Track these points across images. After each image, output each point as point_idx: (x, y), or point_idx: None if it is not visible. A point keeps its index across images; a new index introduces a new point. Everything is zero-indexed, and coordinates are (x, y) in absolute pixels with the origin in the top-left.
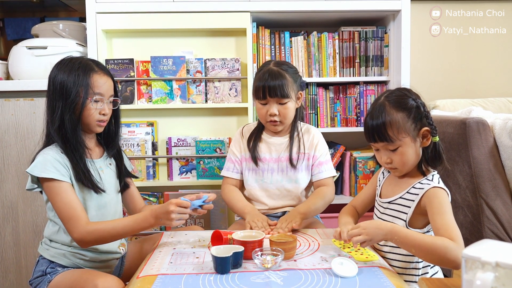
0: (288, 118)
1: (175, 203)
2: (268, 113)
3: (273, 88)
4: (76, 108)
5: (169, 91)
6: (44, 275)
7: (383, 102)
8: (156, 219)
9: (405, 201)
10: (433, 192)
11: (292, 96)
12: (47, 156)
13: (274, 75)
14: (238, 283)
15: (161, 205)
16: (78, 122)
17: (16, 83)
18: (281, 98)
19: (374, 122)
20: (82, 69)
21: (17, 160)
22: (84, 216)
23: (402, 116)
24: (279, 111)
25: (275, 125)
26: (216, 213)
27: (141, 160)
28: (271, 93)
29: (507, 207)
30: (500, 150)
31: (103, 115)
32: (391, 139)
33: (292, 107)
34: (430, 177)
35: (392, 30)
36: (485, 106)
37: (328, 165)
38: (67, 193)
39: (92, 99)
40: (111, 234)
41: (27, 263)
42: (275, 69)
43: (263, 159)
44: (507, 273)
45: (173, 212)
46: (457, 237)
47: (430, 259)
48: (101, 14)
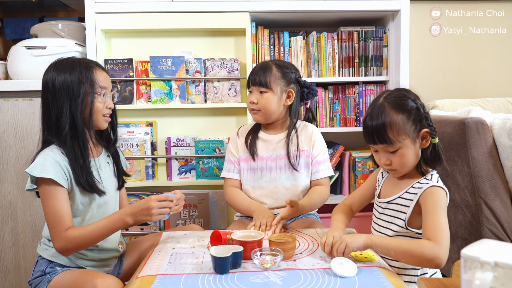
0: (268, 109)
1: (155, 198)
2: (249, 100)
3: (256, 76)
4: (86, 105)
5: (168, 91)
6: (44, 275)
7: (383, 103)
8: (132, 216)
9: (404, 201)
10: (430, 190)
11: (274, 89)
12: (48, 157)
13: (261, 66)
14: (238, 283)
15: (137, 203)
16: (90, 119)
17: (15, 83)
18: (259, 86)
19: (373, 124)
20: (83, 66)
21: (16, 160)
22: (69, 225)
23: (402, 117)
24: (258, 100)
25: (254, 113)
26: (216, 213)
27: (140, 160)
28: (254, 81)
29: (506, 207)
30: (499, 150)
31: (109, 109)
32: (391, 141)
33: (273, 100)
34: (429, 176)
35: (391, 30)
36: (484, 106)
37: (326, 164)
38: (58, 199)
39: (100, 93)
40: (89, 239)
41: (26, 263)
42: (266, 62)
43: (261, 158)
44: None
45: (153, 208)
46: (440, 237)
47: (409, 260)
48: (100, 14)
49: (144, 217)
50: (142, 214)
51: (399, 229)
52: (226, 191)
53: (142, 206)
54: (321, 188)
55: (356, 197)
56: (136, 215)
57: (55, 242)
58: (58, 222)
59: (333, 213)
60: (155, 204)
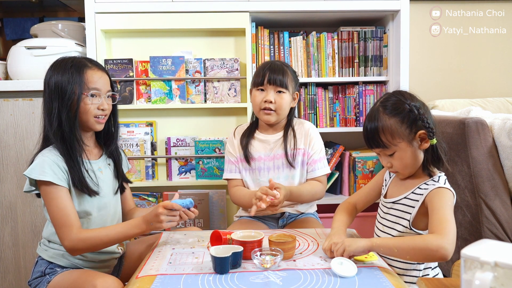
0: (283, 110)
1: (163, 205)
2: (264, 99)
3: (273, 75)
4: (72, 105)
5: (168, 91)
6: (43, 276)
7: (377, 108)
8: (147, 224)
9: (410, 201)
10: (437, 191)
11: (290, 90)
12: (46, 158)
13: (276, 66)
14: (237, 283)
15: (151, 210)
16: (75, 120)
17: (15, 83)
18: (279, 86)
19: (368, 129)
20: (75, 66)
21: (16, 161)
22: (77, 224)
23: (395, 121)
24: (275, 99)
25: (268, 114)
26: (216, 213)
27: (140, 160)
28: (270, 80)
29: (506, 207)
30: (499, 150)
31: (102, 110)
32: (385, 145)
33: (288, 100)
34: (437, 178)
35: (391, 30)
36: (484, 106)
37: (322, 162)
38: (62, 198)
39: (88, 94)
40: (103, 242)
41: (26, 264)
42: (278, 63)
43: (258, 158)
44: (506, 273)
45: (161, 214)
46: (445, 229)
47: (414, 255)
48: (100, 14)
49: (156, 224)
50: (154, 221)
51: (404, 229)
52: (232, 193)
53: (153, 213)
54: (315, 182)
55: (362, 196)
56: (150, 223)
57: (64, 241)
58: (65, 222)
59: (336, 212)
60: (162, 211)
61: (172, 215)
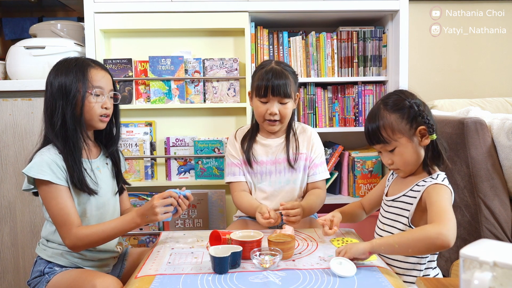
0: (287, 118)
1: (158, 196)
2: (269, 111)
3: (276, 87)
4: (77, 104)
5: (167, 91)
6: (42, 275)
7: (378, 106)
8: (142, 217)
9: (408, 198)
10: (433, 187)
11: (293, 97)
12: (44, 157)
13: (278, 74)
14: (237, 283)
15: (145, 204)
16: (80, 118)
17: (14, 83)
18: (283, 97)
19: (369, 126)
20: (79, 66)
21: (15, 160)
22: (76, 222)
23: (395, 117)
24: (279, 110)
25: (273, 125)
26: (215, 213)
27: (139, 160)
28: (274, 92)
29: (505, 206)
30: (498, 150)
31: (106, 109)
32: (386, 140)
33: (291, 107)
34: (435, 175)
35: (390, 30)
36: (483, 106)
37: (322, 167)
38: (62, 197)
39: (92, 92)
40: (101, 237)
41: (25, 264)
42: (279, 68)
43: (260, 162)
44: (505, 273)
45: (157, 207)
46: (443, 217)
47: (414, 247)
48: (99, 14)
49: (151, 216)
50: (149, 214)
51: (403, 227)
52: (236, 196)
53: (147, 206)
54: (318, 191)
55: (367, 198)
56: (145, 216)
57: (65, 239)
58: (66, 220)
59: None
60: (157, 203)
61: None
